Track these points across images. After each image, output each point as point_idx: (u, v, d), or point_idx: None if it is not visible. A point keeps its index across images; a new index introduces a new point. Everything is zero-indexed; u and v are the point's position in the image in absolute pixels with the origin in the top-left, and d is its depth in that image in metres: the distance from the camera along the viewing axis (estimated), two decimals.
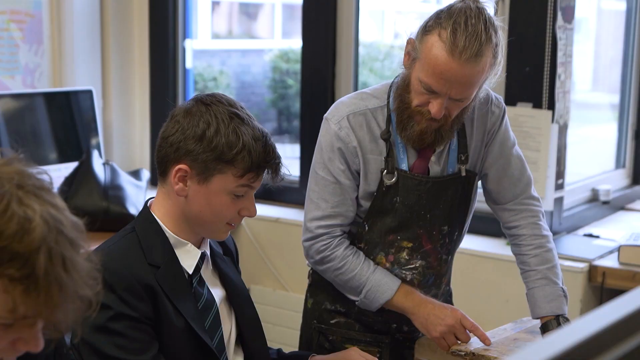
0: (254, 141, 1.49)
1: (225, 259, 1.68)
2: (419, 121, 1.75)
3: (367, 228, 1.85)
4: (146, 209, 1.58)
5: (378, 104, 1.83)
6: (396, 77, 1.84)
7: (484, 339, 1.78)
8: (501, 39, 1.71)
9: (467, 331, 1.80)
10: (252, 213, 1.58)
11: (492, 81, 1.75)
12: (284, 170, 1.56)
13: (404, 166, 1.82)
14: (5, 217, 0.92)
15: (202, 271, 1.58)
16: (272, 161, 1.52)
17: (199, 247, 1.58)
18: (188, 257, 1.55)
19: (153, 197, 1.60)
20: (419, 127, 1.75)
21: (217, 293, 1.62)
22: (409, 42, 1.73)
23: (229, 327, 1.64)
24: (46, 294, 0.93)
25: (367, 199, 1.84)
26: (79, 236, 0.98)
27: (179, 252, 1.55)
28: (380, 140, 1.81)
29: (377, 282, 1.82)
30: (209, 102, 1.51)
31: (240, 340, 1.65)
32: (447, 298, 2.02)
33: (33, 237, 0.92)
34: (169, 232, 1.55)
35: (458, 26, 1.63)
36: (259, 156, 1.49)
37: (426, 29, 1.69)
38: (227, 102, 1.52)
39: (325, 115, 1.85)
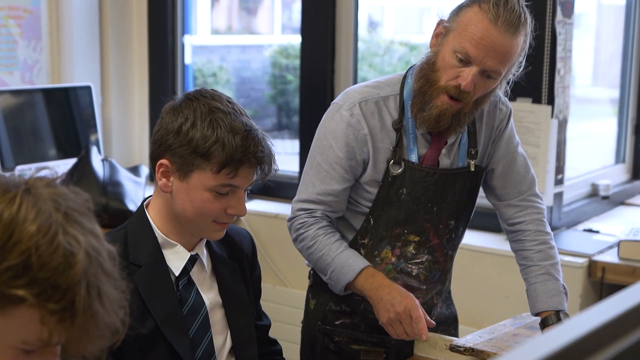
0: (231, 135, 1.45)
1: (229, 263, 1.64)
2: (439, 103, 1.73)
3: (372, 222, 1.84)
4: (141, 207, 1.57)
5: (391, 92, 1.82)
6: (410, 67, 1.84)
7: (421, 333, 1.70)
8: (531, 33, 1.76)
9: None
10: (240, 212, 1.52)
11: (517, 73, 1.78)
12: (273, 167, 1.52)
13: (413, 157, 1.80)
14: (51, 249, 0.92)
15: (192, 274, 1.55)
16: (251, 156, 1.47)
17: (191, 249, 1.55)
18: (176, 259, 1.53)
19: (151, 196, 1.59)
20: (437, 110, 1.73)
21: (212, 298, 1.58)
22: (439, 22, 1.75)
23: (224, 334, 1.60)
24: (81, 328, 0.94)
25: (374, 186, 1.83)
26: (113, 266, 0.99)
27: (167, 253, 1.53)
28: (391, 130, 1.80)
29: (341, 264, 1.78)
30: (193, 97, 1.50)
31: (233, 350, 1.62)
32: (448, 295, 2.02)
33: (75, 271, 0.92)
34: (158, 232, 1.53)
35: (499, 1, 1.69)
36: (235, 150, 1.45)
37: (462, 6, 1.73)
38: (210, 96, 1.50)
39: (334, 101, 1.83)
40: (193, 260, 1.56)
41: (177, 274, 1.53)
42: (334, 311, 1.92)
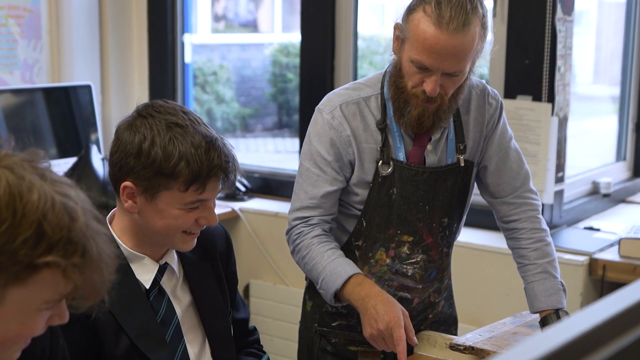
0: (193, 149, 1.41)
1: (200, 264, 1.61)
2: (415, 105, 1.72)
3: (364, 224, 1.82)
4: (105, 223, 1.54)
5: (371, 92, 1.81)
6: (389, 65, 1.83)
7: (399, 357, 1.62)
8: (487, 9, 1.70)
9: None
10: (211, 222, 1.49)
11: (482, 55, 1.72)
12: (238, 173, 1.48)
13: (401, 156, 1.79)
14: (56, 210, 0.96)
15: (163, 283, 1.54)
16: (217, 169, 1.43)
17: (159, 259, 1.53)
18: (145, 271, 1.51)
19: (115, 208, 1.56)
20: (416, 112, 1.72)
21: (185, 304, 1.57)
22: (396, 27, 1.72)
23: (201, 340, 1.58)
24: (97, 270, 1.00)
25: (363, 188, 1.81)
26: (93, 207, 1.04)
27: (135, 267, 1.51)
28: (376, 130, 1.79)
29: (330, 272, 1.72)
30: (146, 114, 1.45)
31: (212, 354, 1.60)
32: (450, 292, 2.01)
33: (80, 223, 0.98)
34: (124, 247, 1.50)
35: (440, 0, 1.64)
36: (201, 165, 1.41)
37: (410, 9, 1.69)
38: (165, 111, 1.45)
39: (317, 106, 1.84)
40: (162, 269, 1.54)
41: (147, 286, 1.50)
42: (330, 313, 1.90)
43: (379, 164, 1.78)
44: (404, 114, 1.74)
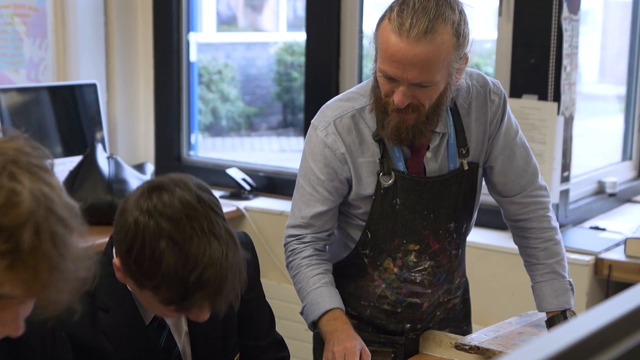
0: (179, 273, 1.27)
1: None
2: (391, 118, 1.67)
3: (370, 235, 1.80)
4: (110, 249, 1.45)
5: (365, 102, 1.75)
6: None
7: None
8: (465, 17, 1.61)
9: None
10: (201, 319, 1.37)
11: (462, 67, 1.64)
12: (234, 302, 1.33)
13: (401, 166, 1.75)
14: None
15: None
16: (201, 300, 1.29)
17: None
18: (143, 310, 1.46)
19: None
20: (394, 123, 1.67)
21: (183, 334, 1.53)
22: (374, 36, 1.67)
23: None
24: (34, 271, 0.91)
25: (363, 202, 1.78)
26: (72, 217, 0.96)
27: (136, 298, 1.45)
28: (372, 142, 1.74)
29: (312, 301, 1.75)
30: (147, 210, 1.30)
31: None
32: (466, 288, 1.98)
33: (19, 211, 0.90)
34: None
35: (405, 6, 1.57)
36: (184, 293, 1.28)
37: (380, 18, 1.64)
38: (169, 217, 1.29)
39: (312, 121, 1.79)
40: None
41: (147, 322, 1.47)
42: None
43: (380, 175, 1.74)
44: (384, 125, 1.69)
